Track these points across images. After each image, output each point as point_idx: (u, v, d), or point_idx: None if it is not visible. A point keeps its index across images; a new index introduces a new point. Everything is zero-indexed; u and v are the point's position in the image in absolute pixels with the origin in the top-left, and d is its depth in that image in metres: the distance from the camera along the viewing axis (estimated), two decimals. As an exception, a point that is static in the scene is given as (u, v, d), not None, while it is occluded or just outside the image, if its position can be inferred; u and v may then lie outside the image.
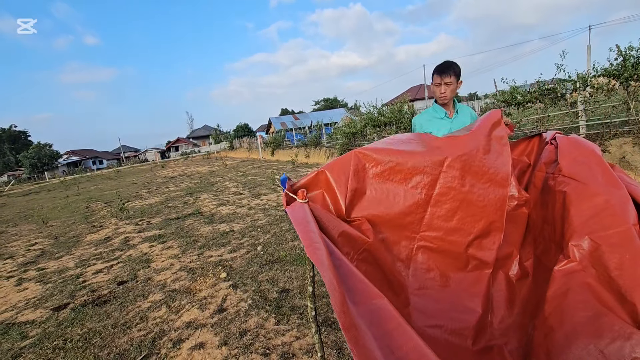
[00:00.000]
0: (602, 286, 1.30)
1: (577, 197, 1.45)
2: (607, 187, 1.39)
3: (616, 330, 1.20)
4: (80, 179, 28.15)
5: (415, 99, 34.79)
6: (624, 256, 1.25)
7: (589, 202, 1.40)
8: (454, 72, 2.01)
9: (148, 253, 4.85)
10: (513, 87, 7.89)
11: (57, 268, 4.79)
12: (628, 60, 5.77)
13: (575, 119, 6.83)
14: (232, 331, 2.53)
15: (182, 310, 2.99)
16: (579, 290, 1.34)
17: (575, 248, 1.38)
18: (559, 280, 1.40)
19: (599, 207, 1.37)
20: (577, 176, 1.49)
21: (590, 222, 1.37)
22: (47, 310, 3.40)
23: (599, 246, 1.32)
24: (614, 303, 1.26)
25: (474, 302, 1.61)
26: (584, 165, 1.50)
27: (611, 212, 1.34)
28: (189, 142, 67.51)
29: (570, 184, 1.49)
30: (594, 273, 1.32)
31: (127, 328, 2.81)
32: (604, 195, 1.38)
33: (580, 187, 1.45)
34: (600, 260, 1.31)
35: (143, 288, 3.61)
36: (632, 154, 5.39)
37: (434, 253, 1.61)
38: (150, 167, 32.39)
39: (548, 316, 1.40)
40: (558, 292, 1.40)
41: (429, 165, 1.55)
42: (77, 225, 7.99)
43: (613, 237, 1.30)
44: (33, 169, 45.43)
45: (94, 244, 5.87)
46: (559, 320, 1.36)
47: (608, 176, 1.41)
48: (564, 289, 1.38)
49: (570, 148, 1.62)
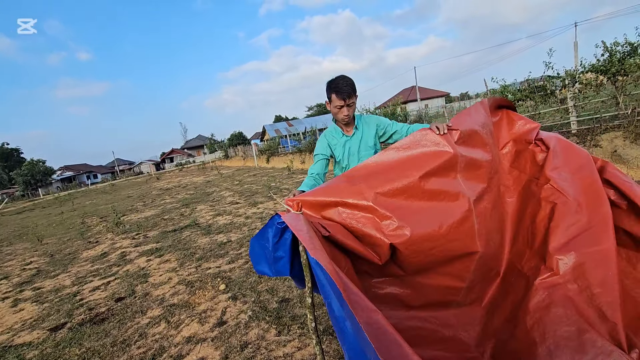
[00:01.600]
0: (584, 302, 1.33)
1: (565, 211, 1.46)
2: (593, 204, 1.41)
3: (598, 347, 1.24)
4: (74, 194, 27.90)
5: (407, 100, 35.03)
6: (607, 275, 1.29)
7: (576, 219, 1.43)
8: (354, 90, 1.92)
9: (145, 267, 4.80)
10: (503, 86, 7.98)
11: (53, 287, 4.72)
12: (614, 55, 5.87)
13: (566, 115, 6.91)
14: (233, 344, 2.50)
15: (181, 325, 2.95)
16: (562, 305, 1.37)
17: (560, 261, 1.41)
18: (541, 293, 1.43)
19: (584, 226, 1.40)
20: (566, 191, 1.49)
21: (577, 239, 1.40)
22: (44, 331, 3.34)
23: (584, 263, 1.36)
24: (595, 320, 1.30)
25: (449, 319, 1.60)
26: (573, 178, 1.50)
27: (595, 230, 1.37)
28: (183, 152, 67.30)
29: (560, 198, 1.49)
30: (576, 288, 1.35)
31: (127, 346, 2.76)
32: (587, 215, 1.41)
33: (568, 203, 1.46)
34: (584, 276, 1.35)
35: (141, 304, 3.56)
36: (623, 147, 5.46)
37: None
38: (145, 179, 32.21)
39: (530, 328, 1.41)
40: (540, 305, 1.41)
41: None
42: (72, 241, 7.89)
43: (596, 255, 1.34)
44: (26, 186, 44.98)
45: (90, 261, 5.79)
46: (542, 334, 1.38)
47: (595, 192, 1.43)
48: (547, 302, 1.41)
49: (561, 158, 1.58)
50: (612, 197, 1.41)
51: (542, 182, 1.57)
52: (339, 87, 1.87)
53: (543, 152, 1.63)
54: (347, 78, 1.91)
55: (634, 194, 1.34)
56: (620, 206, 1.40)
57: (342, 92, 1.87)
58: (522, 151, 1.71)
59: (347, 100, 1.89)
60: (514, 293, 1.55)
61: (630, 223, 1.38)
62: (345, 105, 1.91)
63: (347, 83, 1.88)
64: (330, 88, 1.91)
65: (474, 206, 1.50)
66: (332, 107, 1.97)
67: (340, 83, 1.88)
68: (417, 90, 34.38)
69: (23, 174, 44.66)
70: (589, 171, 1.47)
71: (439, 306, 1.61)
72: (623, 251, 1.42)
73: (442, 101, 40.22)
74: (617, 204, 1.41)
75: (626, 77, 5.90)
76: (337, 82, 1.89)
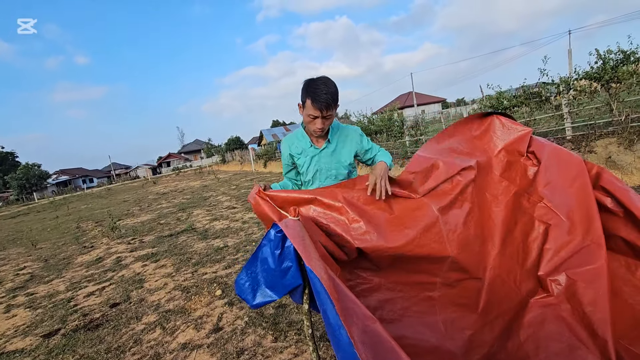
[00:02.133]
0: (576, 320, 1.37)
1: (559, 233, 1.47)
2: (586, 221, 1.42)
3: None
4: (70, 199, 27.69)
5: (404, 106, 35.25)
6: (598, 293, 1.32)
7: (568, 240, 1.44)
8: (335, 100, 1.58)
9: (141, 273, 4.76)
10: (499, 92, 8.05)
11: (47, 292, 4.67)
12: (607, 63, 5.95)
13: (561, 121, 6.98)
14: (229, 351, 2.48)
15: (177, 331, 2.93)
16: (555, 322, 1.41)
17: (553, 283, 1.43)
18: (535, 310, 1.45)
19: (577, 246, 1.42)
20: (558, 209, 1.50)
21: (571, 259, 1.42)
22: (37, 337, 3.29)
23: (575, 282, 1.39)
24: (586, 337, 1.34)
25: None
26: (567, 192, 1.50)
27: (587, 250, 1.39)
28: (180, 157, 67.17)
29: (554, 218, 1.50)
30: (569, 308, 1.39)
31: (121, 352, 2.73)
32: (581, 234, 1.42)
33: (562, 224, 1.48)
34: (575, 296, 1.38)
35: (136, 309, 3.53)
36: (617, 153, 5.51)
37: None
38: (142, 183, 32.04)
39: (523, 342, 1.43)
40: (534, 321, 1.44)
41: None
42: (67, 246, 7.82)
43: (588, 274, 1.37)
44: (21, 190, 44.58)
45: (85, 266, 5.74)
46: (535, 348, 1.40)
47: (588, 207, 1.44)
48: (540, 319, 1.43)
49: (553, 171, 1.57)
50: (609, 205, 1.41)
51: (535, 199, 1.57)
52: (318, 93, 1.52)
53: (534, 166, 1.61)
54: (330, 84, 1.56)
55: (631, 202, 1.34)
56: (617, 214, 1.40)
57: (319, 101, 1.53)
58: (513, 162, 1.69)
59: (324, 111, 1.56)
60: (507, 307, 1.55)
61: (627, 231, 1.37)
62: (320, 117, 1.58)
63: (328, 91, 1.54)
64: (307, 91, 1.55)
65: (440, 214, 1.53)
66: (305, 115, 1.62)
67: (321, 89, 1.53)
68: (413, 96, 34.62)
69: (18, 178, 44.29)
70: (582, 183, 1.47)
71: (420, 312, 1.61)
72: (622, 258, 1.43)
73: (438, 107, 40.52)
74: (614, 212, 1.40)
75: (619, 84, 5.97)
76: (316, 86, 1.54)
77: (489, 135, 1.77)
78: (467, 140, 1.78)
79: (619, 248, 1.42)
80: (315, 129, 1.63)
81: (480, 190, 1.64)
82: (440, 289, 1.59)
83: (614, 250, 1.44)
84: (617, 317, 1.40)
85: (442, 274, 1.56)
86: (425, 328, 1.54)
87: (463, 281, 1.58)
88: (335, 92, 1.57)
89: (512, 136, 1.71)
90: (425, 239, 1.49)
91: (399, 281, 1.58)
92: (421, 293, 1.59)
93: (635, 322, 1.37)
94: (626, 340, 1.36)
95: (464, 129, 1.83)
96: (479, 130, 1.80)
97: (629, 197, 1.36)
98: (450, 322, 1.57)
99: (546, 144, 1.64)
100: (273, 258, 1.24)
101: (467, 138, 1.79)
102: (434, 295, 1.59)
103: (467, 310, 1.59)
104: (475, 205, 1.60)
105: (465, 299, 1.59)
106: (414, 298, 1.58)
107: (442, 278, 1.57)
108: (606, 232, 1.43)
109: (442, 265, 1.54)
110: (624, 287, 1.41)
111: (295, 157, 1.81)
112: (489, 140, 1.76)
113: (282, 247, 1.23)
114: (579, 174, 1.49)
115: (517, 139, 1.69)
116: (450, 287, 1.59)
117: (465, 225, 1.56)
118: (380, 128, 11.80)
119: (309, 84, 1.57)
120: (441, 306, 1.59)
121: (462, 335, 1.55)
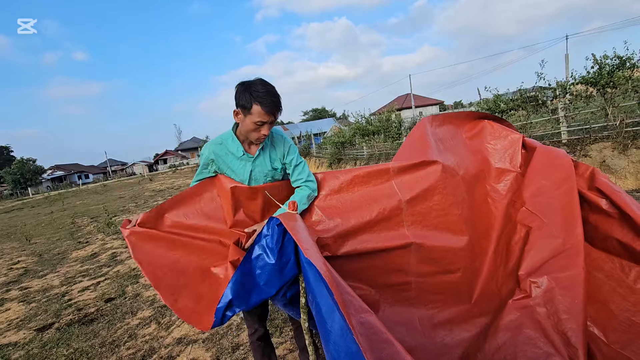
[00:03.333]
0: (551, 326, 1.39)
1: (540, 235, 1.50)
2: (569, 225, 1.44)
3: None
4: (65, 194, 27.48)
5: (402, 108, 35.34)
6: (574, 301, 1.35)
7: (549, 242, 1.47)
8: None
9: (136, 268, 4.74)
10: (496, 95, 8.11)
11: (41, 287, 4.64)
12: (604, 68, 6.01)
13: (557, 125, 7.05)
14: (225, 346, 2.49)
15: (172, 326, 2.93)
16: (532, 327, 1.43)
17: (532, 285, 1.46)
18: (513, 313, 1.47)
19: (557, 248, 1.44)
20: (541, 213, 1.52)
21: (550, 262, 1.44)
22: (30, 331, 3.28)
23: (553, 288, 1.41)
24: (560, 344, 1.36)
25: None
26: (547, 198, 1.52)
27: (567, 255, 1.41)
28: (177, 154, 66.83)
29: (535, 221, 1.53)
30: (545, 312, 1.41)
31: (116, 347, 2.73)
32: (562, 236, 1.44)
33: (543, 226, 1.50)
34: (553, 301, 1.41)
35: (132, 305, 3.52)
36: (611, 158, 5.57)
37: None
38: (138, 180, 31.87)
39: (502, 345, 1.45)
40: (512, 325, 1.46)
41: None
42: (62, 241, 7.78)
43: (566, 280, 1.39)
44: (16, 185, 44.18)
45: (80, 261, 5.71)
46: (513, 353, 1.42)
47: (571, 212, 1.45)
48: (518, 323, 1.45)
49: (540, 173, 1.58)
50: (604, 207, 1.42)
51: (519, 205, 1.60)
52: (267, 97, 1.41)
53: (521, 174, 1.64)
54: (272, 86, 1.46)
55: (625, 204, 1.35)
56: (612, 215, 1.41)
57: (270, 105, 1.42)
58: (503, 170, 1.70)
59: (276, 116, 1.47)
60: (486, 308, 1.56)
61: (622, 232, 1.38)
62: (267, 123, 1.47)
63: (275, 93, 1.45)
64: (253, 96, 1.40)
65: (406, 204, 1.54)
66: (248, 122, 1.46)
67: (269, 92, 1.42)
68: (411, 97, 34.71)
69: (12, 173, 43.88)
70: (569, 188, 1.49)
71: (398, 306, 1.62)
72: (616, 260, 1.44)
73: (436, 109, 40.66)
74: (609, 214, 1.41)
75: (615, 89, 6.04)
76: (263, 90, 1.42)
77: (479, 139, 1.78)
78: (457, 138, 1.78)
79: (614, 249, 1.44)
80: (260, 137, 1.50)
81: (462, 188, 1.64)
82: (415, 290, 1.59)
83: (608, 251, 1.46)
84: (609, 321, 1.42)
85: (413, 267, 1.56)
86: (402, 327, 1.54)
87: (436, 275, 1.58)
88: (279, 97, 1.48)
89: (502, 142, 1.72)
90: (385, 222, 1.52)
91: (375, 284, 1.58)
92: (398, 294, 1.59)
93: (627, 326, 1.38)
94: (618, 345, 1.37)
95: (456, 127, 1.82)
96: (470, 133, 1.81)
97: (623, 199, 1.37)
98: (427, 319, 1.57)
99: (537, 147, 1.66)
100: (275, 252, 1.23)
101: (457, 136, 1.79)
102: (410, 296, 1.60)
103: (444, 307, 1.60)
104: (452, 200, 1.59)
105: (441, 295, 1.60)
106: (390, 299, 1.59)
107: (415, 275, 1.57)
108: (601, 234, 1.45)
109: (408, 255, 1.54)
110: (618, 288, 1.42)
111: (218, 164, 1.61)
112: (479, 143, 1.77)
113: (282, 241, 1.23)
114: (567, 179, 1.51)
115: (507, 144, 1.71)
116: (424, 284, 1.59)
117: (433, 216, 1.57)
118: (378, 129, 11.84)
119: (251, 88, 1.42)
120: (418, 304, 1.60)
121: (438, 334, 1.56)
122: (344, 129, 16.11)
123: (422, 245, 1.53)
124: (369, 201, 1.56)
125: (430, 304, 1.60)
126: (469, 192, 1.65)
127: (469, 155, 1.73)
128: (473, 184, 1.67)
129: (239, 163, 1.60)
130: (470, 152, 1.75)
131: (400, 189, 1.57)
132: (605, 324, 1.44)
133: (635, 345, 1.35)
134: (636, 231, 1.33)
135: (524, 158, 1.67)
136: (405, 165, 1.60)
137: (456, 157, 1.68)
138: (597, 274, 1.48)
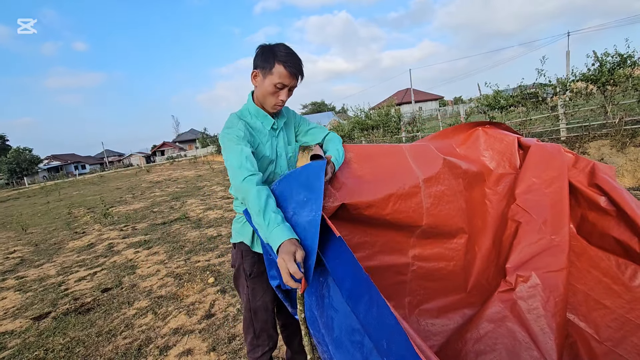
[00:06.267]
0: (532, 321, 1.40)
1: (528, 230, 1.51)
2: (557, 223, 1.46)
3: None
4: (61, 185, 27.34)
5: (401, 102, 35.24)
6: (556, 299, 1.37)
7: (538, 237, 1.48)
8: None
9: (133, 259, 4.74)
10: (496, 92, 8.09)
11: (37, 276, 4.64)
12: (604, 65, 6.00)
13: (556, 122, 7.04)
14: (221, 336, 2.50)
15: (169, 316, 2.93)
16: (513, 320, 1.43)
17: (519, 278, 1.46)
18: (497, 304, 1.48)
19: (546, 243, 1.45)
20: (530, 209, 1.53)
21: (536, 258, 1.46)
22: (27, 319, 3.28)
23: (537, 284, 1.42)
24: (538, 339, 1.37)
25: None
26: (538, 196, 1.54)
27: (554, 251, 1.43)
28: (175, 146, 66.52)
29: (524, 217, 1.54)
30: (527, 306, 1.42)
31: (112, 336, 2.73)
32: (551, 231, 1.46)
33: (532, 221, 1.51)
34: (535, 297, 1.42)
35: (128, 295, 3.52)
36: (610, 155, 5.59)
37: None
38: (135, 171, 31.74)
39: (483, 336, 1.46)
40: (496, 317, 1.47)
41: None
42: (58, 232, 7.75)
43: (550, 279, 1.40)
44: (11, 175, 43.82)
45: (76, 251, 5.70)
46: (493, 345, 1.43)
47: (560, 210, 1.47)
48: (501, 315, 1.46)
49: (532, 171, 1.59)
50: (603, 204, 1.41)
51: (511, 201, 1.62)
52: (291, 59, 1.28)
53: (516, 174, 1.66)
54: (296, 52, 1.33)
55: (624, 202, 1.35)
56: (610, 213, 1.40)
57: (292, 66, 1.28)
58: (502, 175, 1.72)
59: (297, 79, 1.34)
60: (478, 300, 1.59)
61: (619, 230, 1.38)
62: (288, 87, 1.34)
63: (300, 58, 1.33)
64: (276, 55, 1.27)
65: (424, 185, 1.52)
66: (268, 83, 1.31)
67: (291, 53, 1.30)
68: (411, 92, 34.60)
69: (8, 162, 43.50)
70: (560, 187, 1.50)
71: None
72: (613, 257, 1.45)
73: (435, 104, 40.56)
74: (607, 211, 1.41)
75: (615, 87, 6.04)
76: (286, 50, 1.29)
77: (474, 147, 1.79)
78: (449, 149, 1.80)
79: (611, 247, 1.44)
80: (278, 102, 1.36)
81: (463, 186, 1.66)
82: (411, 273, 1.61)
83: (605, 249, 1.46)
84: (602, 318, 1.43)
85: (414, 250, 1.57)
86: (390, 302, 1.56)
87: (433, 261, 1.61)
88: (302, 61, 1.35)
89: (499, 146, 1.74)
90: (405, 203, 1.48)
91: (375, 266, 1.57)
92: (394, 277, 1.59)
93: (620, 323, 1.39)
94: (610, 343, 1.39)
95: (450, 139, 1.85)
96: (464, 144, 1.82)
97: (623, 197, 1.36)
98: (415, 305, 1.59)
99: (531, 145, 1.66)
100: (309, 182, 1.16)
101: (449, 147, 1.81)
102: (405, 279, 1.61)
103: (435, 295, 1.63)
104: (457, 189, 1.62)
105: (433, 283, 1.62)
106: (386, 281, 1.59)
107: (413, 258, 1.58)
108: (598, 231, 1.45)
109: (412, 238, 1.55)
110: (614, 285, 1.43)
111: (254, 141, 1.38)
112: (475, 151, 1.78)
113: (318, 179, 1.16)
114: (559, 177, 1.52)
115: (503, 148, 1.73)
116: (420, 269, 1.61)
117: (445, 201, 1.58)
118: (377, 123, 11.79)
119: (274, 49, 1.29)
120: (410, 288, 1.61)
121: (423, 319, 1.59)
122: (343, 123, 16.04)
123: (428, 229, 1.54)
124: (390, 174, 1.53)
125: (422, 290, 1.62)
126: (467, 188, 1.67)
127: (466, 160, 1.75)
128: (473, 184, 1.69)
129: (266, 138, 1.43)
130: (466, 159, 1.76)
131: (418, 168, 1.57)
132: (598, 322, 1.45)
133: (628, 343, 1.36)
134: (633, 229, 1.33)
135: (521, 158, 1.69)
136: (416, 145, 1.62)
137: (455, 157, 1.70)
138: (593, 271, 1.49)
